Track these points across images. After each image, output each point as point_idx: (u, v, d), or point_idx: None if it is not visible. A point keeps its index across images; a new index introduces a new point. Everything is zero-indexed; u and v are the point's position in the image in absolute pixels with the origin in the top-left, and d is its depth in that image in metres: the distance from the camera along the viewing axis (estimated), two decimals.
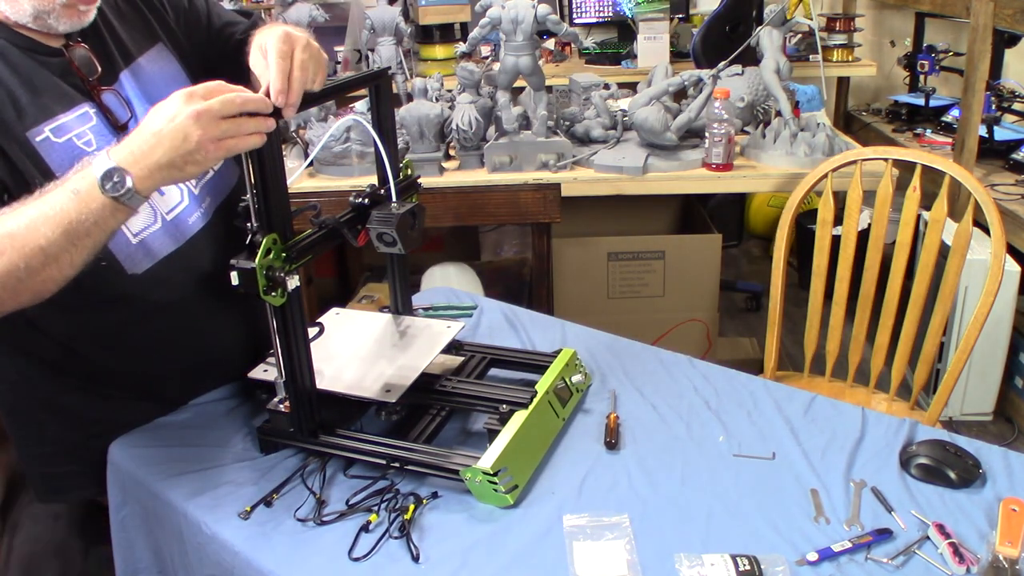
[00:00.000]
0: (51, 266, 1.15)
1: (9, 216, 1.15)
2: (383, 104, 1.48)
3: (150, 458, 1.43)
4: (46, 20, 1.31)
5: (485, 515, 1.26)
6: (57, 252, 1.14)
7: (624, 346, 1.73)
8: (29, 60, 1.32)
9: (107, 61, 1.41)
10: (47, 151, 1.30)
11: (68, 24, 1.33)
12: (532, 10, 2.27)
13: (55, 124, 1.32)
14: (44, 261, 1.14)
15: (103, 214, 1.14)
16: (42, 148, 1.30)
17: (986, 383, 2.97)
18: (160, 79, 1.48)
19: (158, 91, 1.42)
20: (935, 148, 3.48)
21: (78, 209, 1.13)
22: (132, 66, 1.45)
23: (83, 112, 1.36)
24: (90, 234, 1.15)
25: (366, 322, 1.64)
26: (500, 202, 2.50)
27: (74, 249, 1.15)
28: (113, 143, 1.24)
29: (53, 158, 1.30)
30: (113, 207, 1.14)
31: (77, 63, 1.36)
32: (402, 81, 2.87)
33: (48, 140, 1.30)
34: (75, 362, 1.47)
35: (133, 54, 1.46)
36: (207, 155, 1.13)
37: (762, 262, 4.44)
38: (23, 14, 1.30)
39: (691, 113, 2.47)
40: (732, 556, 1.14)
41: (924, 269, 1.99)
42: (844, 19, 4.04)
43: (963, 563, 1.13)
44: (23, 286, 1.16)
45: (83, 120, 1.35)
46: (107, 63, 1.41)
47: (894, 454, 1.37)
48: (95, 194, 1.13)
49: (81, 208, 1.13)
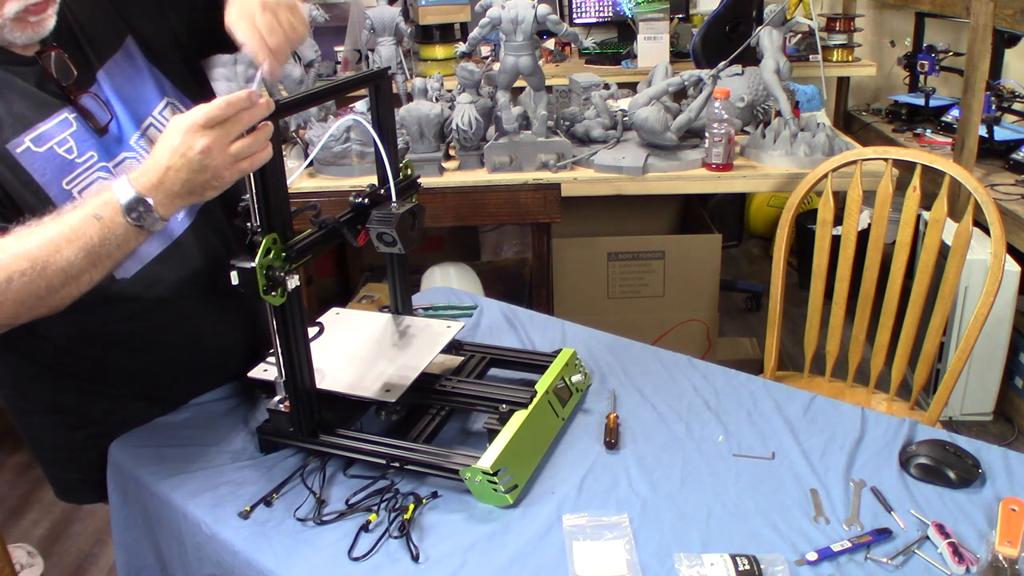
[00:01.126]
0: (70, 285, 1.18)
1: (27, 237, 1.16)
2: (383, 104, 1.48)
3: (150, 458, 1.43)
4: (1, 34, 1.29)
5: (485, 515, 1.26)
6: (78, 273, 1.16)
7: (624, 346, 1.73)
8: (2, 72, 1.31)
9: (83, 63, 1.39)
10: (29, 161, 1.29)
11: (24, 36, 1.30)
12: (532, 10, 2.27)
13: (35, 133, 1.31)
14: (64, 281, 1.16)
15: (126, 238, 1.17)
16: (23, 159, 1.29)
17: (986, 383, 2.97)
18: (131, 78, 1.45)
19: (132, 91, 1.43)
20: (935, 148, 3.48)
21: (101, 234, 1.15)
22: (107, 65, 1.42)
23: (63, 119, 1.34)
24: (111, 256, 1.18)
25: (366, 322, 1.64)
26: (500, 202, 2.50)
27: (94, 270, 1.18)
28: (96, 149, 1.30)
29: (36, 167, 1.30)
30: (136, 232, 1.17)
31: (52, 69, 1.34)
32: (402, 81, 2.87)
33: (29, 150, 1.30)
34: (72, 362, 1.47)
35: (106, 53, 1.43)
36: (224, 180, 1.15)
37: (762, 262, 4.44)
38: None
39: (691, 113, 2.47)
40: (732, 556, 1.14)
41: (924, 269, 1.99)
42: (844, 19, 4.04)
43: (963, 563, 1.13)
44: (42, 303, 1.18)
45: (63, 127, 1.34)
46: (83, 65, 1.39)
47: (894, 454, 1.37)
48: (118, 220, 1.15)
49: (105, 233, 1.15)
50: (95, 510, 2.82)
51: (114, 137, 1.40)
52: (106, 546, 2.64)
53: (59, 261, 1.14)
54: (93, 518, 2.80)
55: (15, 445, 3.20)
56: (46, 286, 1.16)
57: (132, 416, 1.51)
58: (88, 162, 1.35)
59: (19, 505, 2.89)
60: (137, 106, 1.44)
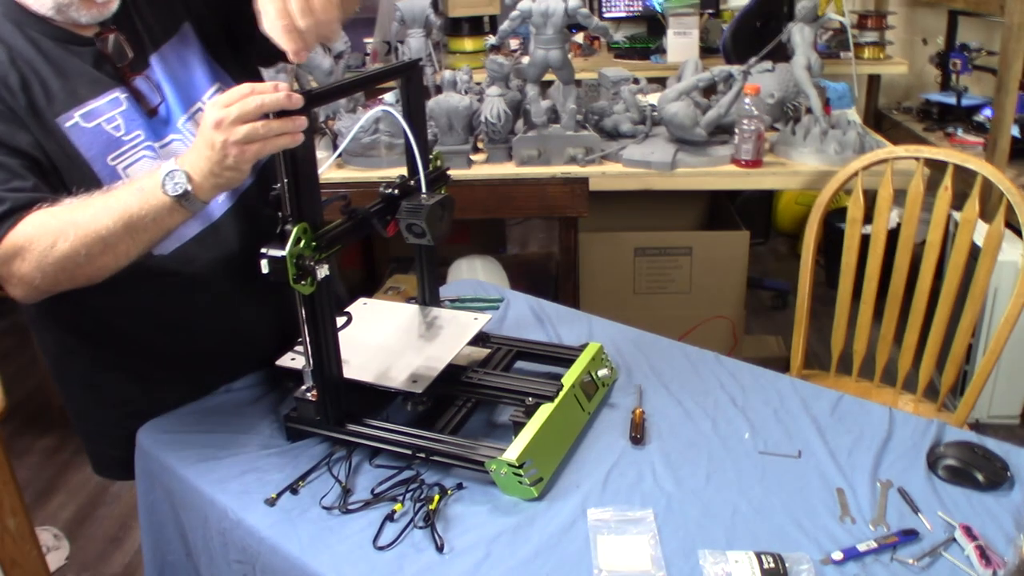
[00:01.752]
0: (108, 254, 1.24)
1: (76, 206, 1.24)
2: (414, 95, 1.49)
3: (177, 444, 1.44)
4: (67, 12, 1.34)
5: (509, 507, 1.26)
6: (116, 242, 1.22)
7: (650, 341, 1.73)
8: (61, 50, 1.37)
9: (138, 46, 1.43)
10: (76, 136, 1.35)
11: (89, 16, 1.36)
12: (563, 4, 2.27)
13: (85, 110, 1.36)
14: (103, 249, 1.23)
15: (162, 212, 1.22)
16: (71, 133, 1.34)
17: (1014, 386, 2.95)
18: (185, 62, 1.49)
19: (184, 75, 1.48)
20: (966, 148, 3.44)
21: (140, 204, 1.21)
22: (161, 50, 1.47)
23: (114, 97, 1.39)
24: (147, 229, 1.23)
25: (393, 312, 1.64)
26: (528, 195, 2.51)
27: (131, 241, 1.24)
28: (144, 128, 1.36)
29: (83, 142, 1.35)
30: (172, 206, 1.21)
31: (109, 50, 1.39)
32: (431, 73, 2.87)
33: (77, 125, 1.35)
34: (109, 337, 1.50)
35: (161, 38, 1.48)
36: (236, 160, 1.17)
37: (789, 260, 4.42)
38: (45, 7, 1.34)
39: (721, 109, 2.46)
40: (757, 553, 1.14)
41: (954, 270, 1.97)
42: (876, 16, 4.01)
43: (989, 566, 1.12)
44: (80, 271, 1.25)
45: (113, 105, 1.39)
46: (138, 48, 1.43)
47: (921, 455, 1.36)
48: (157, 192, 1.20)
49: (143, 203, 1.21)
50: (121, 494, 2.85)
51: (162, 119, 1.45)
52: (132, 530, 2.67)
53: (99, 228, 1.21)
54: (119, 502, 2.83)
55: (42, 429, 3.24)
56: (85, 253, 1.22)
57: (164, 398, 1.53)
58: (134, 140, 1.40)
59: (46, 488, 2.93)
60: (188, 90, 1.48)
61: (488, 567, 1.15)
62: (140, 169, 1.38)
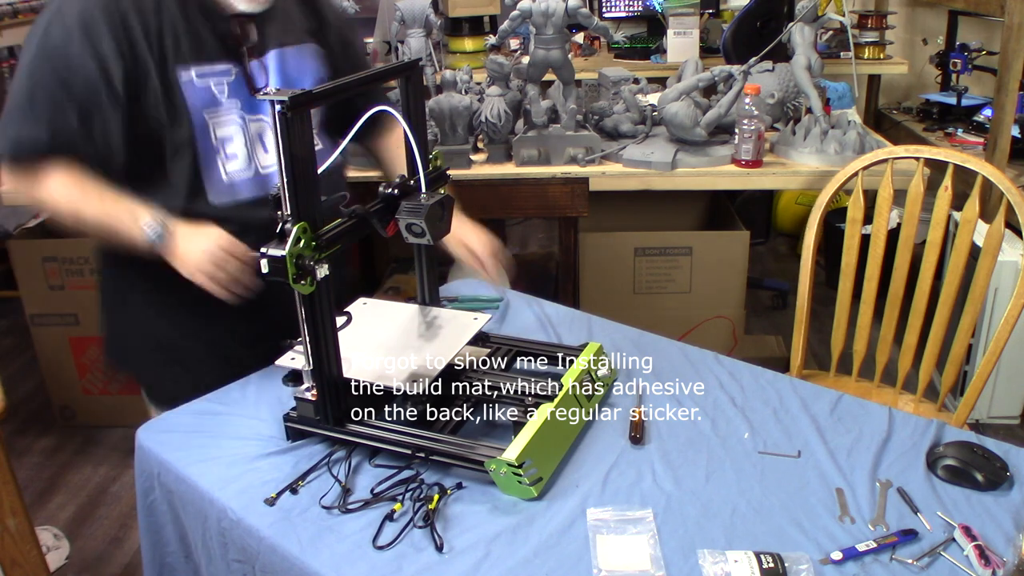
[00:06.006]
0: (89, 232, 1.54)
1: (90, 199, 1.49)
2: (414, 95, 1.49)
3: (177, 443, 1.45)
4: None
5: (509, 507, 1.26)
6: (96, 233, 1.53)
7: (650, 341, 1.73)
8: (202, 16, 1.55)
9: (264, 37, 1.62)
10: (188, 89, 1.54)
11: (248, 6, 1.57)
12: (563, 3, 2.27)
13: (202, 69, 1.56)
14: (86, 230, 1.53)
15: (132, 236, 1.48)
16: (185, 86, 1.53)
17: (1014, 386, 2.95)
18: (298, 67, 1.68)
19: (295, 76, 1.67)
20: (966, 148, 3.44)
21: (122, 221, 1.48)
22: (282, 49, 1.66)
23: (228, 68, 1.59)
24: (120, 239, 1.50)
25: (393, 312, 1.64)
26: (528, 195, 2.51)
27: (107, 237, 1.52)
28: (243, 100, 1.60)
29: (190, 94, 1.54)
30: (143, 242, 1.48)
31: (239, 31, 1.58)
32: (431, 73, 2.87)
33: (191, 81, 1.54)
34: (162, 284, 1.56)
35: (288, 41, 1.67)
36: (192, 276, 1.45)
37: (789, 260, 4.42)
38: None
39: (721, 109, 2.46)
40: (756, 553, 1.14)
41: (954, 270, 1.97)
42: (876, 16, 4.01)
43: (989, 566, 1.12)
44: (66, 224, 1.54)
45: (226, 74, 1.59)
46: (263, 38, 1.62)
47: (921, 455, 1.36)
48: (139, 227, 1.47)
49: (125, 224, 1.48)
50: (121, 494, 2.85)
51: (260, 101, 1.62)
52: (131, 530, 2.67)
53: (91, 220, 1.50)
54: (119, 502, 2.83)
55: (42, 429, 3.24)
56: (73, 223, 1.52)
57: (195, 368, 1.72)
58: (230, 105, 1.59)
59: (46, 488, 2.93)
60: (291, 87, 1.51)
61: (488, 567, 1.15)
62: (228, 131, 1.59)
